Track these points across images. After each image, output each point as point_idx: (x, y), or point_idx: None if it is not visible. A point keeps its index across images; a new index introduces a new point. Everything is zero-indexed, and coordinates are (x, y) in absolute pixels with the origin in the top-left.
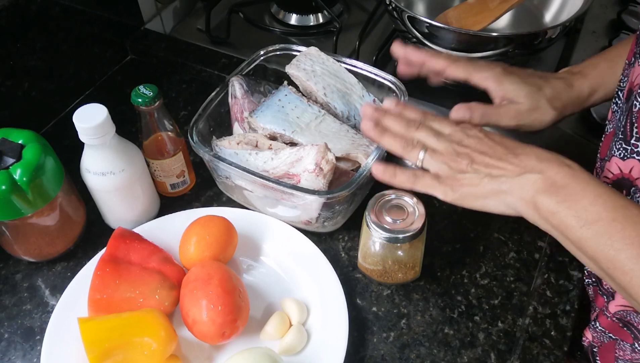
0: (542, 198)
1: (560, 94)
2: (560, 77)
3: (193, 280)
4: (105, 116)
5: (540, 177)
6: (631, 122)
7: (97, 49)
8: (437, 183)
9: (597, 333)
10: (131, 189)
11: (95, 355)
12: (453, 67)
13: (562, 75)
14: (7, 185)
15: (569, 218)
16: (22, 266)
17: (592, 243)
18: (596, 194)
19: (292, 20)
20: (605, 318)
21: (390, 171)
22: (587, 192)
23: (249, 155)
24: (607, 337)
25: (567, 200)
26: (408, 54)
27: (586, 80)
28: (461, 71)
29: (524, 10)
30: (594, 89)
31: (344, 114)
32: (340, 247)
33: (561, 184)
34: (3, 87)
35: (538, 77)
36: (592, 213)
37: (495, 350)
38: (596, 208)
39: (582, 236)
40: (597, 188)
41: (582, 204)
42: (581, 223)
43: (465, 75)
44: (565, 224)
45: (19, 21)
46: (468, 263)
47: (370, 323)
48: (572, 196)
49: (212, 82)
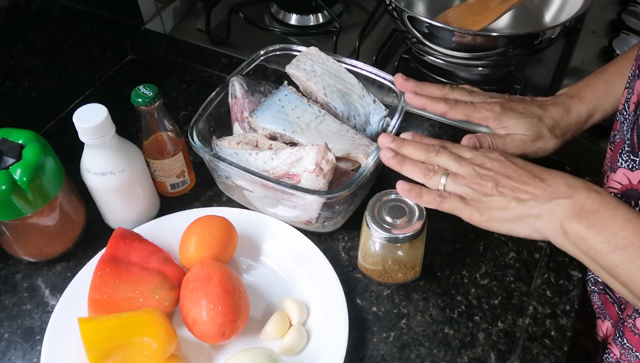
0: (572, 223)
1: (559, 122)
2: (558, 103)
3: (193, 280)
4: (105, 116)
5: (569, 202)
6: (638, 134)
7: (97, 49)
8: (464, 205)
9: (624, 350)
10: (131, 189)
11: (95, 355)
12: (452, 111)
13: (559, 100)
14: (7, 185)
15: (598, 244)
16: (22, 266)
17: (624, 269)
18: (626, 219)
19: (292, 20)
20: (633, 335)
21: (416, 191)
22: (617, 217)
23: (249, 155)
24: (634, 355)
25: (597, 225)
26: (409, 100)
27: (583, 104)
28: (460, 115)
29: (524, 10)
30: (591, 113)
31: (344, 114)
32: (340, 247)
33: (591, 209)
34: (3, 87)
35: (537, 106)
36: (622, 238)
37: (495, 350)
38: (626, 233)
39: (613, 261)
40: (626, 213)
41: (612, 229)
42: (611, 248)
43: (465, 117)
44: (595, 250)
45: (19, 21)
46: (468, 263)
47: (370, 323)
48: (601, 222)
49: (212, 82)
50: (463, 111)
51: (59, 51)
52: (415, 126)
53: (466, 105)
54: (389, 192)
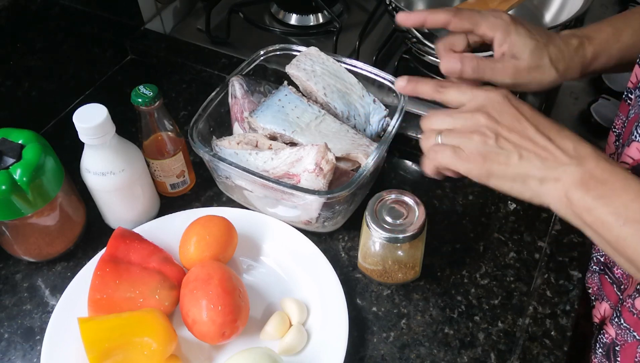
0: (578, 192)
1: (563, 55)
2: (564, 37)
3: (193, 280)
4: (105, 116)
5: (578, 170)
6: None
7: (97, 49)
8: (458, 159)
9: (621, 330)
10: (131, 189)
11: (95, 355)
12: (456, 19)
13: (567, 35)
14: (7, 185)
15: (606, 216)
16: (22, 266)
17: (632, 242)
18: (638, 191)
19: (292, 20)
20: (631, 315)
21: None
22: (629, 189)
23: (249, 155)
24: (632, 335)
25: (606, 196)
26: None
27: (589, 43)
28: (466, 22)
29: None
30: (597, 54)
31: (344, 114)
32: (340, 247)
33: (600, 179)
34: (3, 87)
35: (545, 34)
36: (633, 211)
37: (495, 350)
38: (638, 205)
39: (621, 234)
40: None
41: (622, 201)
42: (620, 221)
43: (472, 25)
44: (603, 221)
45: (19, 21)
46: (468, 263)
47: (370, 323)
48: (611, 192)
49: (212, 82)
50: (469, 18)
51: (59, 51)
52: (416, 125)
53: (471, 12)
54: (389, 192)
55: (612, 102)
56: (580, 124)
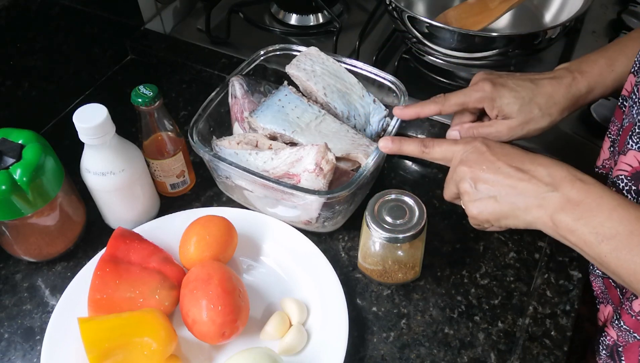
0: (560, 216)
1: (554, 99)
2: (555, 78)
3: (193, 280)
4: (105, 116)
5: (556, 195)
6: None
7: (97, 49)
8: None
9: (622, 332)
10: (131, 189)
11: (95, 355)
12: (446, 106)
13: (557, 74)
14: (7, 185)
15: (587, 235)
16: (22, 266)
17: (612, 258)
18: (611, 208)
19: (292, 20)
20: (629, 317)
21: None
22: (603, 207)
23: (249, 155)
24: (632, 336)
25: (584, 217)
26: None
27: (584, 78)
28: (454, 106)
29: (524, 10)
30: (591, 87)
31: (344, 114)
32: (340, 247)
33: (577, 201)
34: (3, 87)
35: (529, 81)
36: (609, 228)
37: (495, 350)
38: (612, 222)
39: (602, 252)
40: (611, 201)
41: (598, 219)
42: (599, 238)
43: (460, 106)
44: (585, 241)
45: (19, 21)
46: (468, 263)
47: (370, 323)
48: (588, 213)
49: (212, 82)
50: (455, 101)
51: (59, 51)
52: (415, 126)
53: (456, 94)
54: (389, 192)
55: (612, 102)
56: (580, 124)
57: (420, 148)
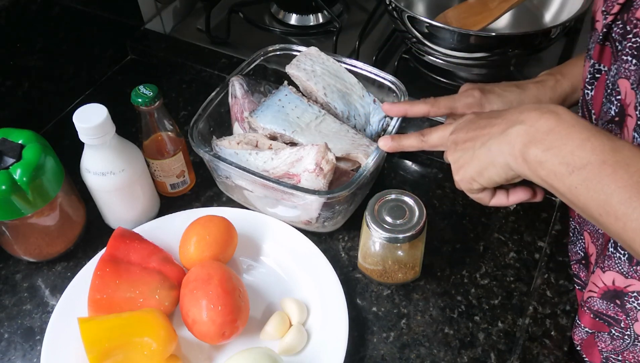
0: (529, 148)
1: (541, 100)
2: (539, 81)
3: (193, 280)
4: (105, 116)
5: (523, 128)
6: None
7: (97, 49)
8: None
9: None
10: (131, 189)
11: (95, 355)
12: (434, 108)
13: (541, 78)
14: (7, 185)
15: (556, 166)
16: (22, 266)
17: (582, 190)
18: (583, 138)
19: (292, 20)
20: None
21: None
22: (573, 136)
23: (249, 155)
24: (585, 332)
25: (553, 147)
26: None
27: (566, 79)
28: (443, 109)
29: (524, 10)
30: (575, 87)
31: (344, 114)
32: (340, 247)
33: (545, 130)
34: (3, 87)
35: (515, 87)
36: (579, 158)
37: (495, 350)
38: (584, 152)
39: (572, 183)
40: (583, 131)
41: (568, 148)
42: (569, 169)
43: (449, 110)
44: (555, 172)
45: (19, 21)
46: (468, 263)
47: (370, 323)
48: (557, 142)
49: (212, 82)
50: (444, 104)
51: (59, 51)
52: (415, 126)
53: (445, 98)
54: (389, 192)
55: None
56: None
57: (419, 139)
